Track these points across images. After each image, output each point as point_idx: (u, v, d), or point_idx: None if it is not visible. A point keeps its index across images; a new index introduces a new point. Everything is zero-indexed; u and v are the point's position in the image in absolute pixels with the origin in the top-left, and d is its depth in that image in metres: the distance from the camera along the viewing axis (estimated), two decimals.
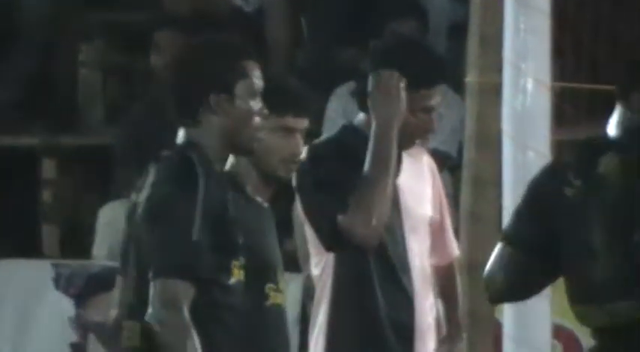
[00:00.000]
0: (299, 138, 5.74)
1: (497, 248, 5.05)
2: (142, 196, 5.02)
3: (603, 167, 4.86)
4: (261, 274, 5.21)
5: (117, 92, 12.93)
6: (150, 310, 4.73)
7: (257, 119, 4.85)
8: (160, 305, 4.71)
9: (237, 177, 5.49)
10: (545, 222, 5.01)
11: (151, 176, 5.04)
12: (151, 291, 4.76)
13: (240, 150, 5.17)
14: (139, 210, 4.98)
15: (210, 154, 4.93)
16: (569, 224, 4.90)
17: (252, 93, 4.94)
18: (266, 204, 5.54)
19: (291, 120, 5.59)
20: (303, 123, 5.76)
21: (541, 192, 5.08)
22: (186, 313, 4.66)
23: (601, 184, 4.86)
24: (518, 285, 5.27)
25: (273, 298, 5.30)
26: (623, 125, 4.99)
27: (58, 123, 13.27)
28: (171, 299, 4.71)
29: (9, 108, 12.51)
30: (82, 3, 13.15)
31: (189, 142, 5.04)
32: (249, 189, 5.47)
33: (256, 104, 4.94)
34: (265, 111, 5.08)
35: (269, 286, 5.28)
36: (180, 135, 5.11)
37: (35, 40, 12.90)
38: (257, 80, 4.96)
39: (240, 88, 4.90)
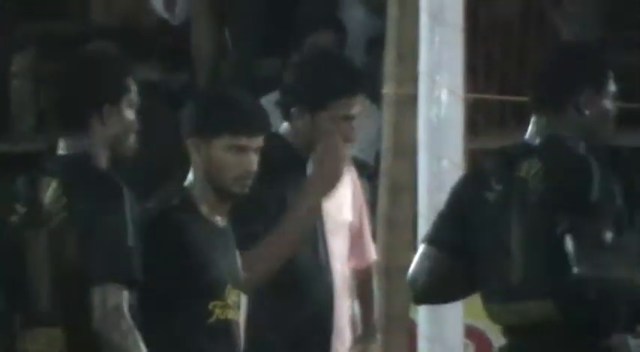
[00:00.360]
0: (253, 156, 5.55)
1: (421, 250, 5.12)
2: (53, 207, 4.99)
3: (524, 172, 5.03)
4: (202, 292, 5.21)
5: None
6: (96, 315, 4.77)
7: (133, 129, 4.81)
8: (106, 310, 4.75)
9: (191, 197, 5.45)
10: (465, 226, 5.12)
11: (56, 188, 5.04)
12: (95, 298, 4.78)
13: (123, 158, 5.08)
14: (56, 223, 4.96)
15: (102, 163, 4.93)
16: (487, 226, 5.03)
17: (132, 106, 5.01)
18: (222, 223, 5.46)
19: (244, 140, 5.39)
20: (258, 141, 5.55)
21: (462, 197, 5.19)
22: (129, 316, 4.72)
23: (522, 187, 5.02)
24: (440, 287, 5.33)
25: (220, 314, 5.26)
26: (541, 134, 5.17)
27: None
28: (115, 304, 4.74)
29: None
30: (15, 13, 12.80)
31: (81, 153, 4.90)
32: (203, 208, 5.39)
33: (133, 115, 5.04)
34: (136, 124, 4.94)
35: (214, 303, 5.25)
36: (64, 145, 5.11)
37: None
38: (134, 94, 5.06)
39: (124, 100, 4.96)
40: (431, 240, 5.17)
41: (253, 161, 5.43)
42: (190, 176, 5.39)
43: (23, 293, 5.10)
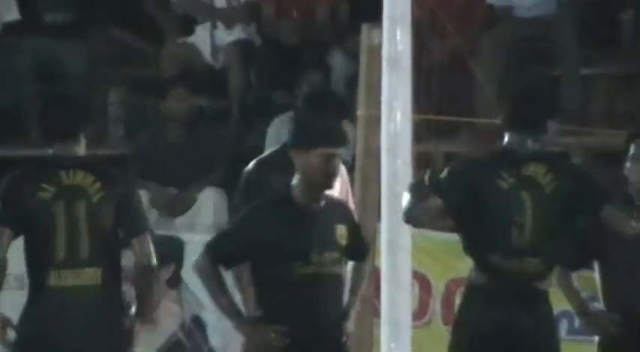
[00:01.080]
0: (337, 161, 5.61)
1: (431, 199, 5.03)
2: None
3: (532, 171, 5.17)
4: (290, 255, 5.18)
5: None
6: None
7: None
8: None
9: (293, 190, 5.45)
10: (473, 197, 5.12)
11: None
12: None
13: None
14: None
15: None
16: (500, 204, 5.12)
17: None
18: (315, 208, 5.47)
19: (332, 150, 5.40)
20: (341, 151, 5.64)
21: (476, 178, 5.22)
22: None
23: (532, 182, 5.17)
24: (429, 223, 5.59)
25: (303, 270, 5.17)
26: (525, 147, 5.27)
27: None
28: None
29: None
30: (114, 59, 13.18)
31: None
32: (301, 198, 5.40)
33: None
34: None
35: (299, 263, 5.18)
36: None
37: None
38: None
39: None
40: (441, 195, 5.08)
41: (338, 165, 5.43)
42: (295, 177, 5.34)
43: (74, 244, 5.14)
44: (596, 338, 6.00)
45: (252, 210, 5.57)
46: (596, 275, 6.02)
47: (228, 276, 5.75)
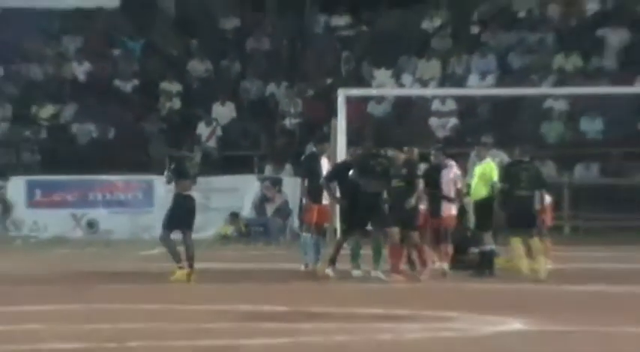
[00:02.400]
0: (401, 155, 12.82)
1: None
2: None
3: (519, 171, 12.85)
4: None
5: None
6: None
7: None
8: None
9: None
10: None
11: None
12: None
13: None
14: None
15: None
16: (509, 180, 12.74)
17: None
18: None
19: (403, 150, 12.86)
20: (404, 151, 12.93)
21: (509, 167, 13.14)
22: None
23: (520, 173, 12.84)
24: None
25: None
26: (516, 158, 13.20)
27: None
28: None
29: None
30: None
31: None
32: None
33: None
34: None
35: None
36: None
37: None
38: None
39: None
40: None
41: (401, 157, 13.02)
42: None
43: None
44: None
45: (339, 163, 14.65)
46: None
47: None
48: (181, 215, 12.76)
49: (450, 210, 13.21)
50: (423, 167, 13.68)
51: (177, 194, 12.82)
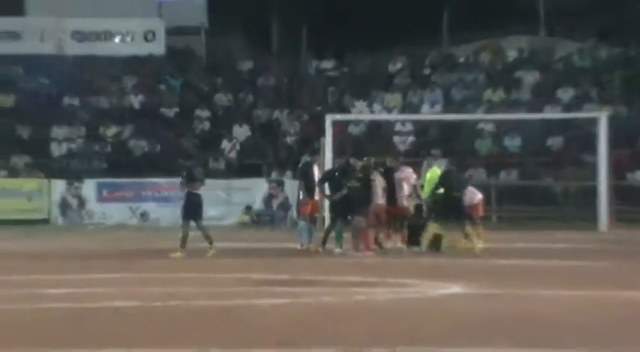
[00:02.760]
0: (359, 163, 12.66)
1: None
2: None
3: (452, 178, 12.59)
4: None
5: None
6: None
7: None
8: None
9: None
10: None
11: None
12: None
13: None
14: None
15: None
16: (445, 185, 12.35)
17: None
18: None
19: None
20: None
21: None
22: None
23: (452, 180, 12.53)
24: None
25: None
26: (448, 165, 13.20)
27: None
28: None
29: None
30: None
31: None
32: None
33: None
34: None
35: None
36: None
37: None
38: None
39: None
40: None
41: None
42: None
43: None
44: None
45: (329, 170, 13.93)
46: None
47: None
48: (192, 208, 12.42)
49: (402, 201, 12.78)
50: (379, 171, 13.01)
51: (189, 192, 12.52)
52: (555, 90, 23.77)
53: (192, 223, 12.36)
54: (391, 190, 12.53)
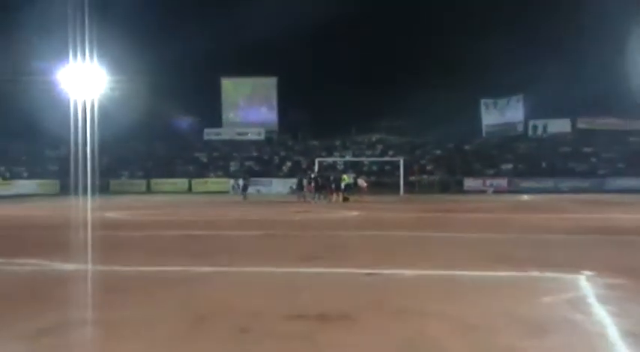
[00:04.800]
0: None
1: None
2: None
3: (350, 177, 33.58)
4: None
5: None
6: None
7: None
8: None
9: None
10: None
11: None
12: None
13: None
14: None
15: None
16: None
17: None
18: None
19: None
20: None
21: None
22: None
23: (350, 178, 33.98)
24: None
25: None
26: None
27: None
28: None
29: None
30: None
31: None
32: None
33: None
34: None
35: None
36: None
37: None
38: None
39: None
40: None
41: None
42: None
43: None
44: None
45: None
46: None
47: None
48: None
49: (340, 186, 32.47)
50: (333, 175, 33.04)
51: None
52: None
53: None
54: (338, 183, 32.74)
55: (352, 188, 33.42)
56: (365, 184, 36.41)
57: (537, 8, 48.79)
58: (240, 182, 38.49)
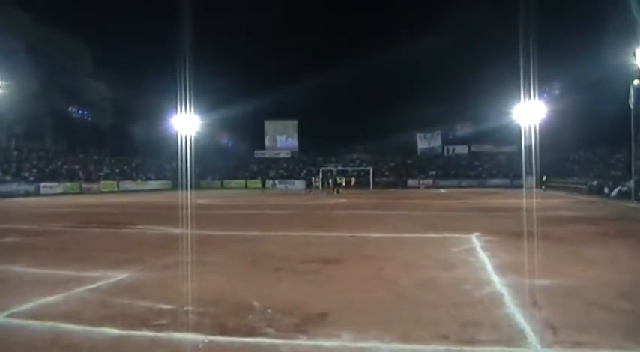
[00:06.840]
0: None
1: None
2: None
3: (342, 179, 45.75)
4: None
5: None
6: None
7: None
8: None
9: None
10: None
11: None
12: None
13: None
14: None
15: None
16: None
17: None
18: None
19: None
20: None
21: None
22: None
23: (342, 179, 45.78)
24: None
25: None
26: None
27: None
28: None
29: None
30: None
31: None
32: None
33: None
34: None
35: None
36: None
37: None
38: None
39: None
40: None
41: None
42: None
43: None
44: None
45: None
46: None
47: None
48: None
49: (336, 184, 43.29)
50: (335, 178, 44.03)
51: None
52: None
53: None
54: (335, 182, 44.32)
55: (342, 186, 45.13)
56: (354, 180, 54.68)
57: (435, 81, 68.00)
58: (303, 181, 49.60)
